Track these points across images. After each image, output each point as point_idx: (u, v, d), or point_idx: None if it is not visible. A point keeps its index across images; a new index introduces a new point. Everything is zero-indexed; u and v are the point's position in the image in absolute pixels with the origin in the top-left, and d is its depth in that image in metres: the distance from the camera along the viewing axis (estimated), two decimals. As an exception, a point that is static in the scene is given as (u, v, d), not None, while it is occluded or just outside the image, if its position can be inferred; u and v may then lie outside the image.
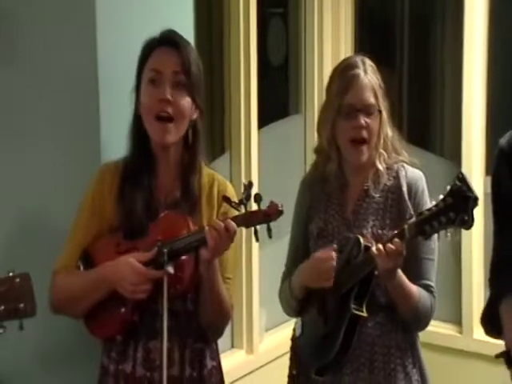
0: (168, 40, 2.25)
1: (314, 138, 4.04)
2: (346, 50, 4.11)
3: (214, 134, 3.75)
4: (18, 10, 2.52)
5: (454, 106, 3.83)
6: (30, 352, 2.53)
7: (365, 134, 2.38)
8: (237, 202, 2.13)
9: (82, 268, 2.28)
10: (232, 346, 3.67)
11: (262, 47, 3.70)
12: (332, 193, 2.49)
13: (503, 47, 3.97)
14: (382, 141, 2.41)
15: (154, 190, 2.27)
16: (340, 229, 2.44)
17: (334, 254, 2.35)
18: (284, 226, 3.66)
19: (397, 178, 2.43)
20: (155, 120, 2.21)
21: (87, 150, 2.51)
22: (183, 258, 2.16)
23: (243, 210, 2.13)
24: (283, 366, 3.77)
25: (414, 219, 2.20)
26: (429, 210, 2.15)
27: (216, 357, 2.38)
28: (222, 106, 3.66)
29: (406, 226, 2.20)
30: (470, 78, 3.74)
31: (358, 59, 2.42)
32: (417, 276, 2.38)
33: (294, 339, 2.59)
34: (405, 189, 2.40)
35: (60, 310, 2.29)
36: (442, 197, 2.13)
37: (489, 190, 2.35)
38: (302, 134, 4.09)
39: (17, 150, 2.56)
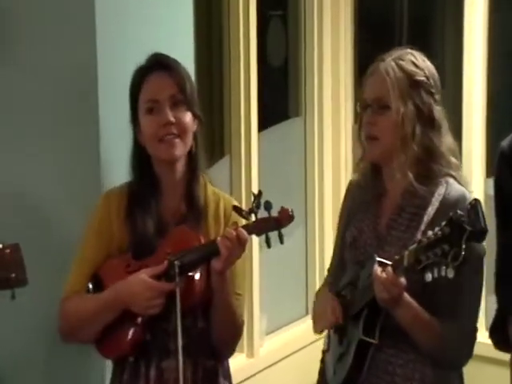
0: (157, 64, 2.24)
1: (314, 141, 4.07)
2: (345, 52, 4.11)
3: (213, 138, 3.74)
4: (18, 10, 2.52)
5: (454, 107, 3.82)
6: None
7: (373, 131, 2.19)
8: (247, 211, 2.12)
9: (91, 291, 2.24)
10: (233, 350, 3.66)
11: (261, 49, 3.68)
12: (370, 201, 2.29)
13: (504, 48, 3.97)
14: (400, 142, 2.15)
15: (163, 212, 2.26)
16: (372, 241, 2.24)
17: (334, 320, 2.22)
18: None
19: (432, 194, 2.16)
20: (161, 142, 2.20)
21: (86, 150, 2.50)
22: (195, 269, 2.15)
23: (253, 220, 2.12)
24: (284, 370, 3.78)
25: (414, 246, 1.99)
26: (428, 238, 1.94)
27: (228, 376, 2.35)
28: (221, 109, 3.65)
29: (405, 253, 2.00)
30: (470, 79, 3.74)
31: (394, 52, 2.22)
32: (446, 310, 2.12)
33: (323, 351, 2.43)
34: (432, 210, 2.15)
35: (70, 336, 2.27)
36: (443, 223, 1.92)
37: (489, 193, 2.34)
38: (302, 137, 4.08)
39: (16, 149, 2.56)
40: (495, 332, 2.28)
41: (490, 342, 2.31)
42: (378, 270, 2.06)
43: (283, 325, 3.95)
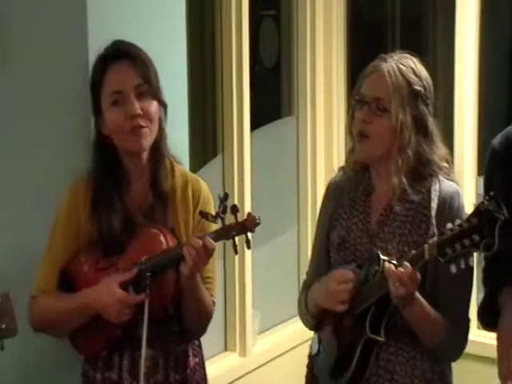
0: (118, 53, 2.22)
1: (306, 140, 4.07)
2: (338, 51, 4.11)
3: (206, 137, 3.74)
4: (10, 12, 2.51)
5: (446, 106, 3.83)
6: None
7: (366, 129, 2.19)
8: (213, 215, 2.13)
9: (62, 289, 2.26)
10: (225, 349, 3.66)
11: (254, 49, 3.68)
12: (357, 199, 2.30)
13: (495, 47, 3.98)
14: (397, 148, 2.19)
15: (129, 203, 2.26)
16: (363, 240, 2.25)
17: (352, 276, 2.17)
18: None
19: (428, 191, 2.20)
20: (129, 133, 2.19)
21: (79, 151, 2.50)
22: (163, 273, 2.16)
23: (220, 223, 2.12)
24: (276, 369, 3.78)
25: (434, 239, 2.00)
26: (451, 230, 1.95)
27: (198, 353, 2.37)
28: (214, 108, 3.65)
29: (425, 246, 2.01)
30: (461, 79, 3.74)
31: (395, 54, 2.24)
32: (444, 303, 2.16)
33: (310, 356, 2.41)
34: (434, 204, 2.18)
35: (42, 331, 2.28)
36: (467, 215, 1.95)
37: (481, 191, 2.33)
38: (295, 136, 4.08)
39: (8, 150, 2.56)
40: (484, 313, 2.27)
41: (480, 340, 2.32)
42: (391, 266, 2.05)
43: (276, 324, 3.95)
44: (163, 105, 2.26)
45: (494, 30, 3.98)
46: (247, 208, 3.61)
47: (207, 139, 3.73)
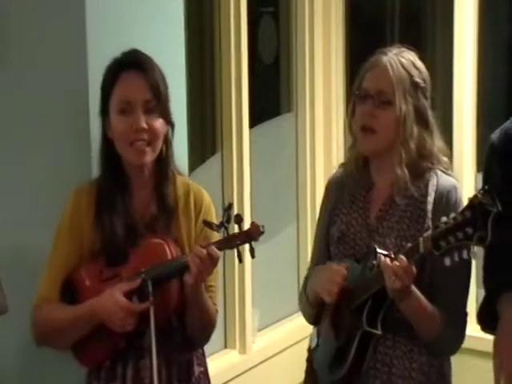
0: (132, 63, 2.21)
1: (305, 137, 4.07)
2: (337, 48, 4.11)
3: (205, 134, 3.74)
4: (10, 12, 2.51)
5: (445, 102, 3.83)
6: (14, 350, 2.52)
7: (371, 123, 2.21)
8: (218, 224, 2.13)
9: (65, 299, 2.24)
10: (225, 347, 3.66)
11: (253, 46, 3.69)
12: (357, 194, 2.32)
13: (493, 43, 3.97)
14: (400, 139, 2.21)
15: (132, 211, 2.25)
16: (362, 234, 2.27)
17: (344, 272, 2.19)
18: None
19: (426, 186, 2.22)
20: (130, 146, 2.19)
21: (79, 151, 2.50)
22: (168, 283, 2.16)
23: (224, 232, 2.13)
24: (276, 366, 3.79)
25: (429, 232, 2.02)
26: (445, 223, 1.96)
27: (203, 362, 2.37)
28: (213, 105, 3.64)
29: (420, 240, 2.03)
30: (460, 75, 3.74)
31: (393, 48, 2.27)
32: (440, 297, 2.18)
33: (309, 350, 2.42)
34: (431, 198, 2.20)
35: (45, 343, 2.27)
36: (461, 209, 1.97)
37: (480, 186, 2.34)
38: (294, 133, 4.09)
39: (8, 150, 2.56)
40: (483, 314, 2.28)
41: (479, 335, 2.33)
42: (386, 260, 2.07)
43: (275, 321, 3.95)
44: (170, 124, 2.26)
45: (493, 25, 3.98)
46: (246, 205, 3.61)
47: (206, 137, 3.72)
